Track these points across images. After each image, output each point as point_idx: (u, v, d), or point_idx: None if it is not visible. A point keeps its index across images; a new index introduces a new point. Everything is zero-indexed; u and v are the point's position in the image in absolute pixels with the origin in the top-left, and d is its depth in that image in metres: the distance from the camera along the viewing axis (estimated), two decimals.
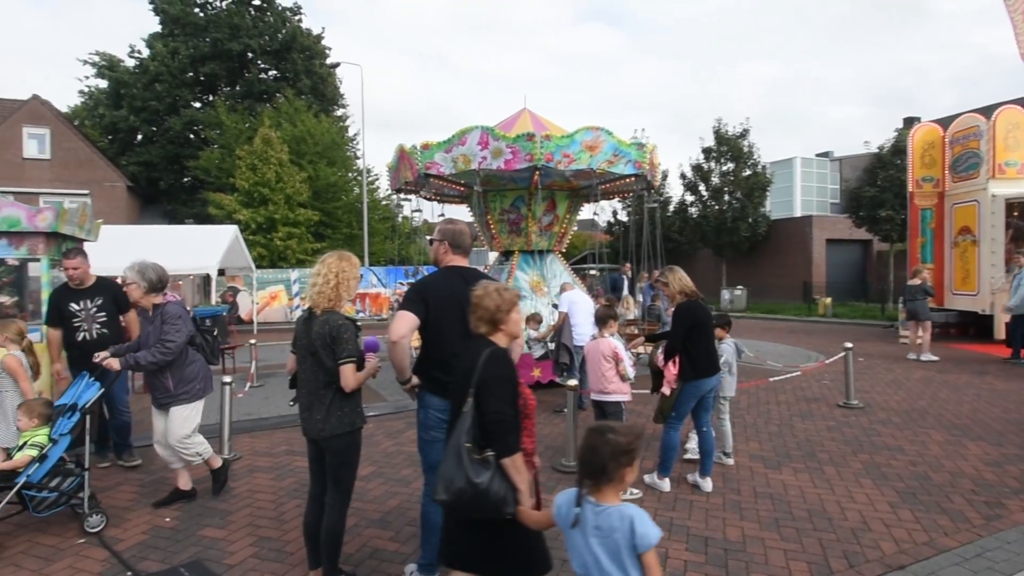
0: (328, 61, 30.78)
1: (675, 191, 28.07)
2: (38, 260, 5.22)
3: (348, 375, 2.78)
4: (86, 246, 6.34)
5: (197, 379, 4.10)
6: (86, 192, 23.42)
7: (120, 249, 11.16)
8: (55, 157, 23.95)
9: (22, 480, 3.42)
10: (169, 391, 3.98)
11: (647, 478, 4.50)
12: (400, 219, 29.83)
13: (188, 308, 12.72)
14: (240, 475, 4.78)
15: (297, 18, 30.17)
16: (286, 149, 23.02)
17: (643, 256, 10.14)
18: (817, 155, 35.75)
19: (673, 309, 4.46)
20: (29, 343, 4.29)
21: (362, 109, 23.15)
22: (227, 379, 5.25)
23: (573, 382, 4.90)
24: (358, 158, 28.18)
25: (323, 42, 30.91)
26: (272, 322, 18.54)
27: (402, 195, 9.70)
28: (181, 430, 3.99)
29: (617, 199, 18.16)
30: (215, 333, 4.47)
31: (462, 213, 10.29)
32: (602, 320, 4.58)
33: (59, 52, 58.05)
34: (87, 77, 30.47)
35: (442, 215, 10.57)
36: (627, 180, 8.87)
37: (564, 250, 9.67)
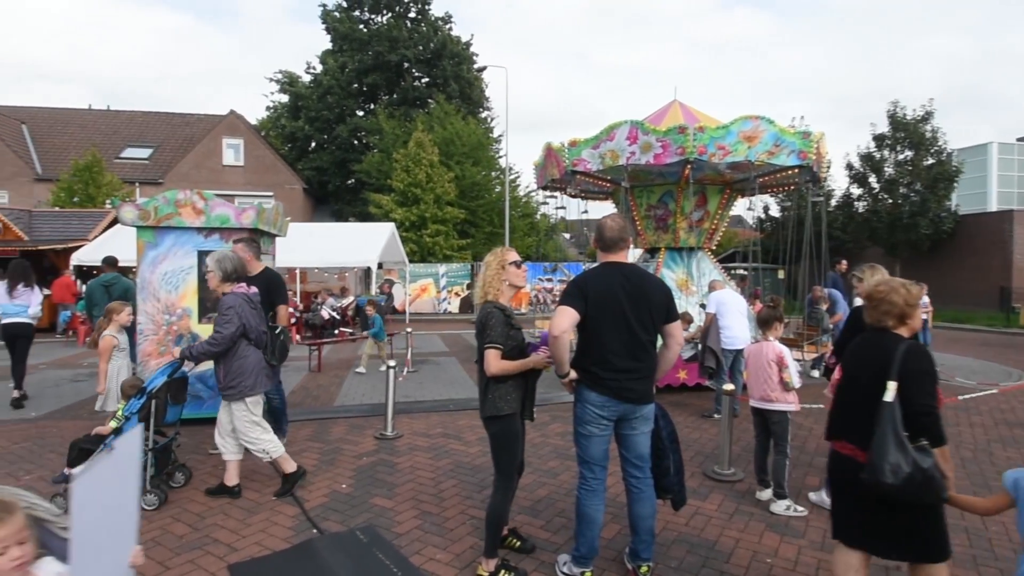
0: (475, 66, 32.14)
1: (838, 183, 25.48)
2: None
3: (490, 359, 2.94)
4: (277, 240, 7.25)
5: (245, 375, 3.98)
6: (270, 194, 26.68)
7: (300, 244, 12.63)
8: (247, 163, 27.64)
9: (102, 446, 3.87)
10: (220, 382, 4.03)
11: (813, 496, 4.16)
12: (539, 216, 30.57)
13: (351, 298, 13.73)
14: (402, 452, 5.17)
15: (448, 26, 31.86)
16: (436, 151, 24.44)
17: (801, 256, 9.33)
18: (1018, 140, 30.36)
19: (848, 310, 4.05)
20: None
21: (506, 110, 23.89)
22: (391, 363, 5.71)
23: (729, 387, 4.66)
24: (501, 157, 29.09)
25: (471, 48, 32.36)
26: (422, 312, 19.81)
27: (547, 192, 9.84)
28: (240, 424, 4.04)
29: (770, 193, 16.93)
30: (279, 334, 4.36)
31: (606, 210, 10.22)
32: (766, 322, 4.28)
33: (252, 73, 66.85)
34: (272, 93, 34.76)
35: (585, 212, 10.59)
36: (789, 172, 8.22)
37: (714, 247, 9.21)
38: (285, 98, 31.82)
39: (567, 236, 34.10)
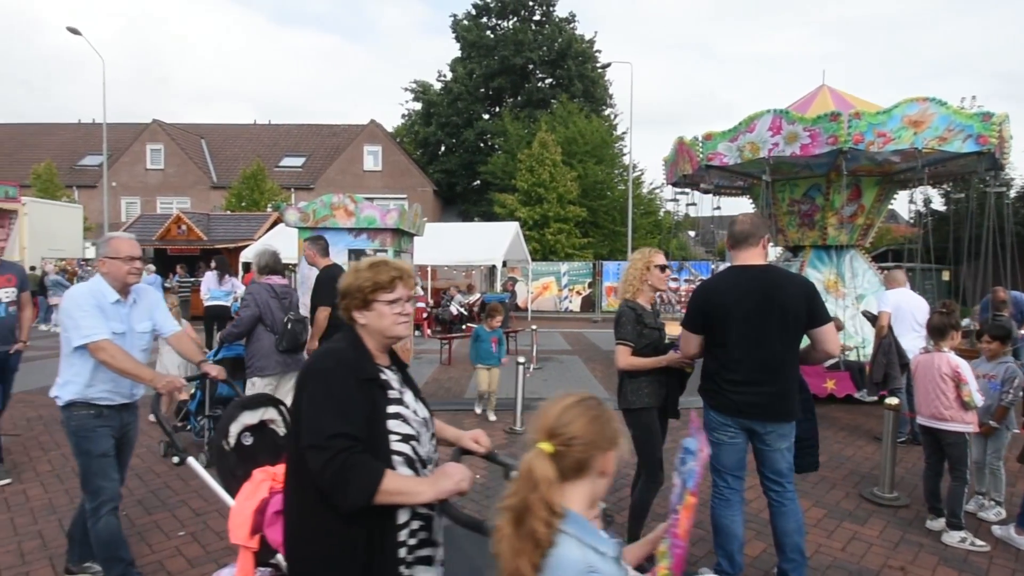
0: (598, 64, 31.85)
1: (1018, 171, 21.97)
2: (386, 251, 6.49)
3: (618, 355, 3.07)
4: (415, 240, 7.71)
5: (257, 356, 4.39)
6: (404, 196, 28.38)
7: (431, 243, 13.31)
8: (384, 168, 29.64)
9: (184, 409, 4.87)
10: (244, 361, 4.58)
11: (999, 530, 3.63)
12: (662, 214, 29.63)
13: (477, 295, 14.15)
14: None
15: (572, 26, 31.88)
16: (559, 150, 24.56)
17: (970, 254, 8.16)
18: None
19: None
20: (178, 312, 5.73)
21: (630, 106, 23.41)
22: (521, 359, 5.83)
23: (893, 401, 4.19)
24: (624, 155, 28.58)
25: (594, 46, 32.13)
26: (544, 310, 20.01)
27: (678, 189, 9.50)
28: None
29: (933, 184, 14.89)
30: (287, 322, 4.41)
31: (741, 206, 9.65)
32: (939, 330, 3.79)
33: (389, 84, 71.84)
34: (407, 101, 36.97)
35: (718, 208, 10.08)
36: (963, 160, 7.24)
37: (868, 245, 8.36)
38: (418, 106, 33.66)
39: (692, 234, 32.72)
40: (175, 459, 2.42)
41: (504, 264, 16.68)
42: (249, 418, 2.41)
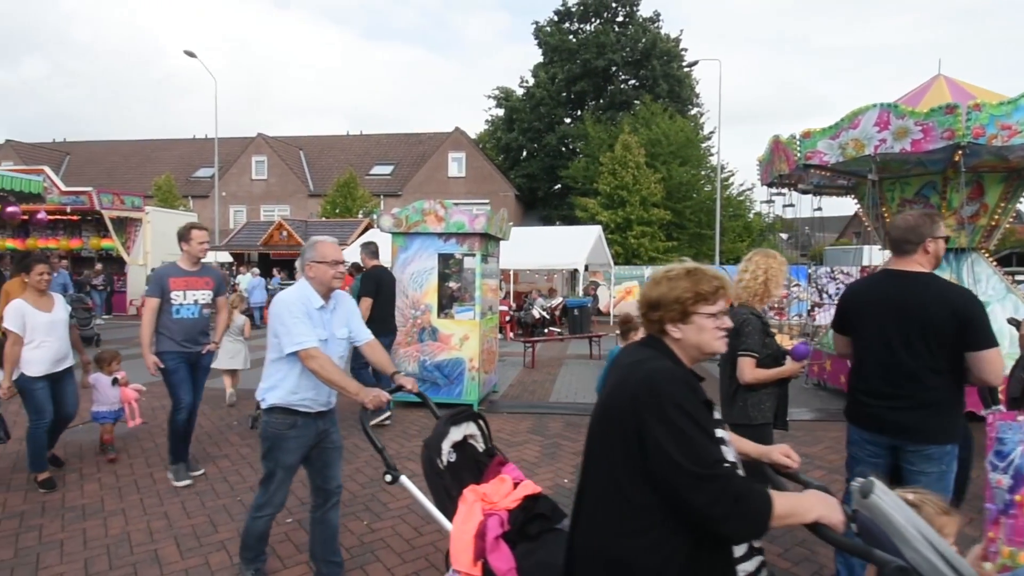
0: (684, 62, 31.03)
1: None
2: (473, 255, 6.64)
3: (744, 367, 2.83)
4: (501, 244, 7.83)
5: None
6: (486, 201, 28.89)
7: (513, 247, 13.47)
8: (468, 174, 30.35)
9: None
10: None
11: None
12: (752, 216, 28.32)
13: (559, 299, 14.16)
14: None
15: (656, 25, 31.26)
16: (642, 152, 24.12)
17: None
18: None
19: None
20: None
21: (719, 105, 22.54)
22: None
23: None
24: (711, 155, 27.63)
25: (680, 45, 31.34)
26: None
27: (773, 190, 9.08)
28: None
29: None
30: None
31: (845, 207, 9.07)
32: None
33: (472, 92, 73.70)
34: (489, 108, 37.61)
35: (818, 209, 9.54)
36: None
37: (991, 248, 7.62)
38: (501, 112, 34.17)
39: (784, 236, 31.03)
40: (387, 477, 2.36)
41: (586, 268, 16.58)
42: (456, 434, 2.37)
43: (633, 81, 32.04)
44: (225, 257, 19.28)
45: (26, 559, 3.24)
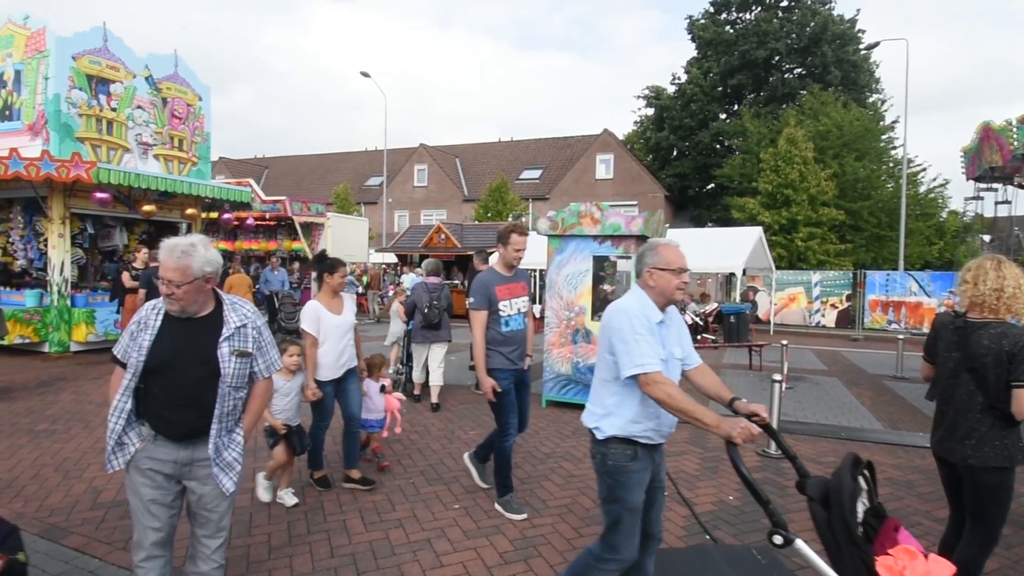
0: (862, 45, 27.86)
1: None
2: (629, 257, 6.54)
3: (1021, 401, 2.35)
4: None
5: (416, 331, 6.71)
6: (634, 203, 28.35)
7: None
8: (615, 176, 30.04)
9: None
10: None
11: None
12: (944, 215, 24.52)
13: (713, 304, 13.56)
14: (789, 474, 4.80)
15: (827, 7, 28.45)
16: (811, 147, 22.07)
17: None
18: None
19: None
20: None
21: (905, 90, 19.79)
22: (777, 377, 5.36)
23: None
24: (894, 147, 24.47)
25: (856, 26, 28.22)
26: (789, 324, 18.15)
27: (982, 184, 7.83)
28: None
29: None
30: (425, 309, 6.59)
31: None
32: None
33: (621, 93, 72.85)
34: (639, 109, 36.92)
35: None
36: None
37: None
38: (651, 111, 33.34)
39: (987, 238, 26.53)
40: (776, 538, 1.83)
41: (743, 272, 15.56)
42: (863, 488, 1.95)
43: (799, 70, 29.48)
44: (391, 258, 21.01)
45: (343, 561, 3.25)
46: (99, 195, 8.79)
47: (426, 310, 6.52)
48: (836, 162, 22.58)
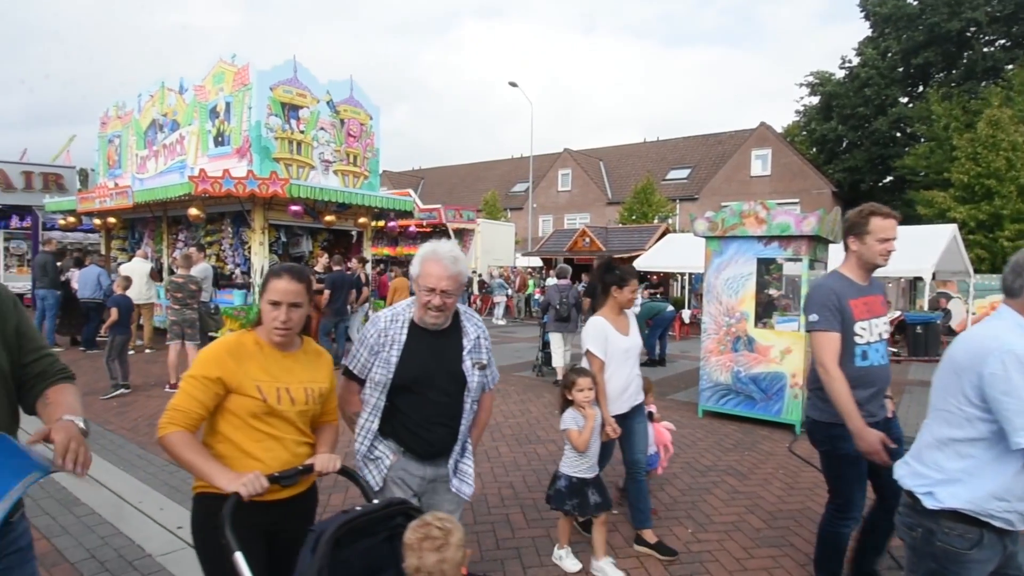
0: None
1: None
2: (799, 260, 6.03)
3: None
4: (829, 248, 6.93)
5: (548, 324, 7.91)
6: (796, 200, 26.10)
7: (840, 250, 11.87)
8: (773, 172, 27.89)
9: None
10: None
11: None
12: None
13: (895, 312, 12.09)
14: None
15: None
16: (1021, 130, 18.73)
17: None
18: None
19: None
20: None
21: None
22: None
23: None
24: None
25: None
26: None
27: None
28: None
29: None
30: (556, 306, 7.85)
31: None
32: None
33: (779, 84, 67.65)
34: (801, 98, 33.92)
35: None
36: None
37: None
38: (815, 100, 30.53)
39: None
40: None
41: (933, 277, 13.60)
42: None
43: (1003, 41, 25.20)
44: (536, 262, 21.44)
45: None
46: (293, 208, 10.02)
47: (557, 306, 7.92)
48: None
